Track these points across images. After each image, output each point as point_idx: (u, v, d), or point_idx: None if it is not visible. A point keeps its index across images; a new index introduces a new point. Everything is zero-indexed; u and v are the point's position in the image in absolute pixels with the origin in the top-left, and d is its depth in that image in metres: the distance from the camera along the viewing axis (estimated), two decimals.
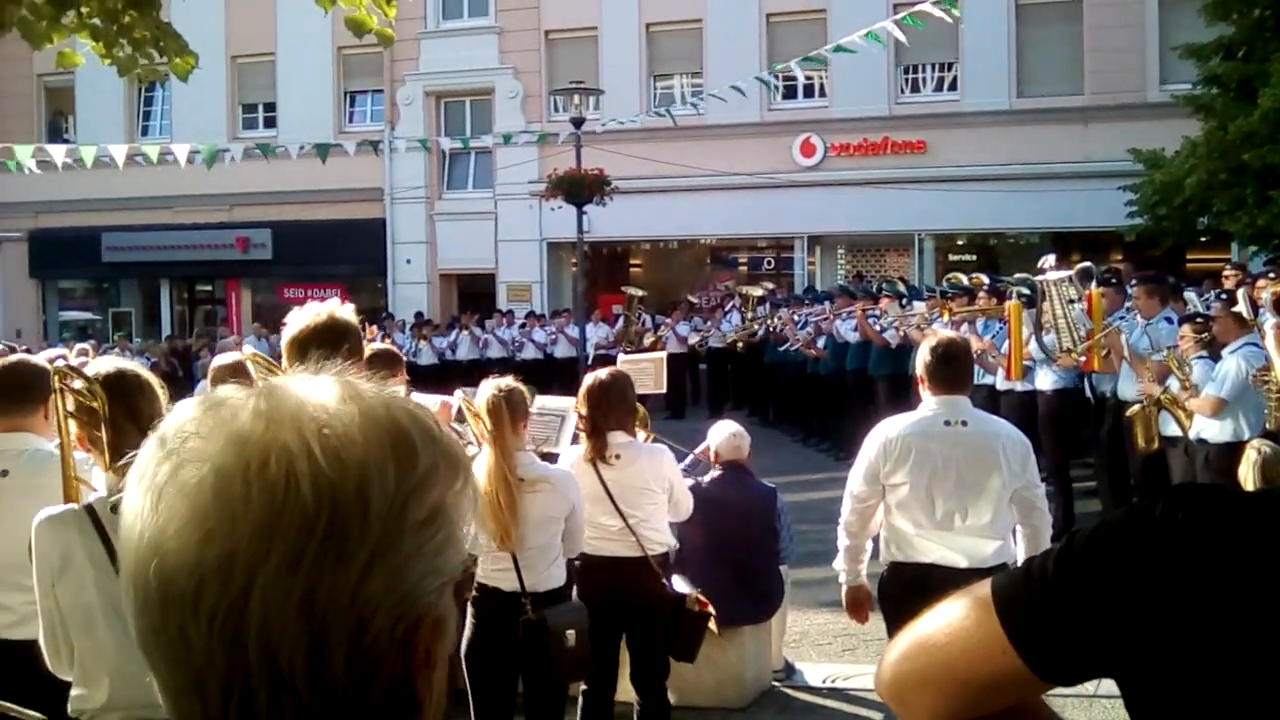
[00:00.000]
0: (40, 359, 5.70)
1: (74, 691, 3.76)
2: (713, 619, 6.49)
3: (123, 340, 28.46)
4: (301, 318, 4.23)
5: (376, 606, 1.01)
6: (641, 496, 6.15)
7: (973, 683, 1.45)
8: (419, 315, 27.98)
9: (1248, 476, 6.53)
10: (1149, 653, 1.32)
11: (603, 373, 6.33)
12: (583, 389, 6.24)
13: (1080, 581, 1.36)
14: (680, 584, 6.47)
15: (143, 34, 8.46)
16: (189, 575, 0.99)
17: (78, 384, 3.89)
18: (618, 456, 6.10)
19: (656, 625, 6.29)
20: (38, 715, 3.96)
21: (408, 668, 1.04)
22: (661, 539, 6.27)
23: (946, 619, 1.48)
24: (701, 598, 6.44)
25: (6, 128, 30.07)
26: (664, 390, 7.57)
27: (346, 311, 4.30)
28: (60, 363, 4.79)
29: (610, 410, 6.14)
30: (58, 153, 19.71)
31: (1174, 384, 9.92)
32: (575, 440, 6.75)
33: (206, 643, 0.99)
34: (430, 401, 6.88)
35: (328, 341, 4.07)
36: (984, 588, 1.46)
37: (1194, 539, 1.31)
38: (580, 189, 22.36)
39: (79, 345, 20.43)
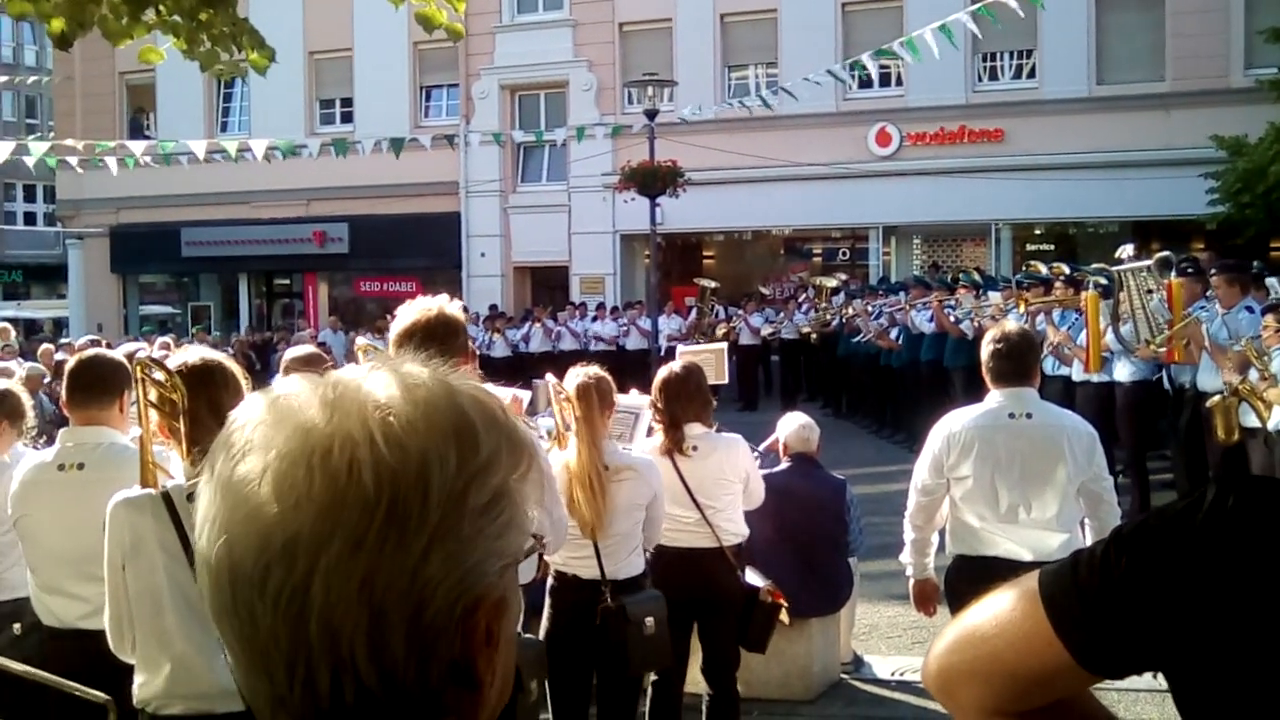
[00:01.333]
0: (117, 353, 5.79)
1: (137, 679, 3.82)
2: (784, 610, 6.48)
3: (201, 334, 28.87)
4: (411, 312, 4.29)
5: (435, 588, 1.04)
6: (718, 487, 6.14)
7: (1020, 675, 1.44)
8: (493, 308, 28.16)
9: None
10: (1197, 645, 1.30)
11: (676, 365, 6.32)
12: (658, 381, 6.22)
13: (1128, 573, 1.34)
14: (753, 576, 6.45)
15: (221, 30, 8.57)
16: (256, 558, 1.03)
17: (159, 375, 3.94)
18: (695, 448, 6.09)
19: (730, 617, 6.28)
20: (103, 696, 4.03)
21: (468, 647, 1.08)
22: (737, 529, 6.26)
23: (994, 611, 1.47)
24: (774, 589, 6.43)
25: (90, 124, 30.63)
26: (725, 381, 7.61)
27: (455, 308, 4.36)
28: (142, 354, 4.87)
29: (688, 402, 6.14)
30: (138, 149, 20.02)
31: (1254, 374, 9.76)
32: (649, 434, 6.75)
33: (272, 623, 1.03)
34: (502, 395, 6.91)
35: (436, 336, 4.13)
36: (1031, 580, 1.45)
37: (1245, 530, 1.29)
38: (653, 181, 22.41)
39: (160, 339, 20.74)
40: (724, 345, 9.58)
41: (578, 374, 5.70)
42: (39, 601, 4.88)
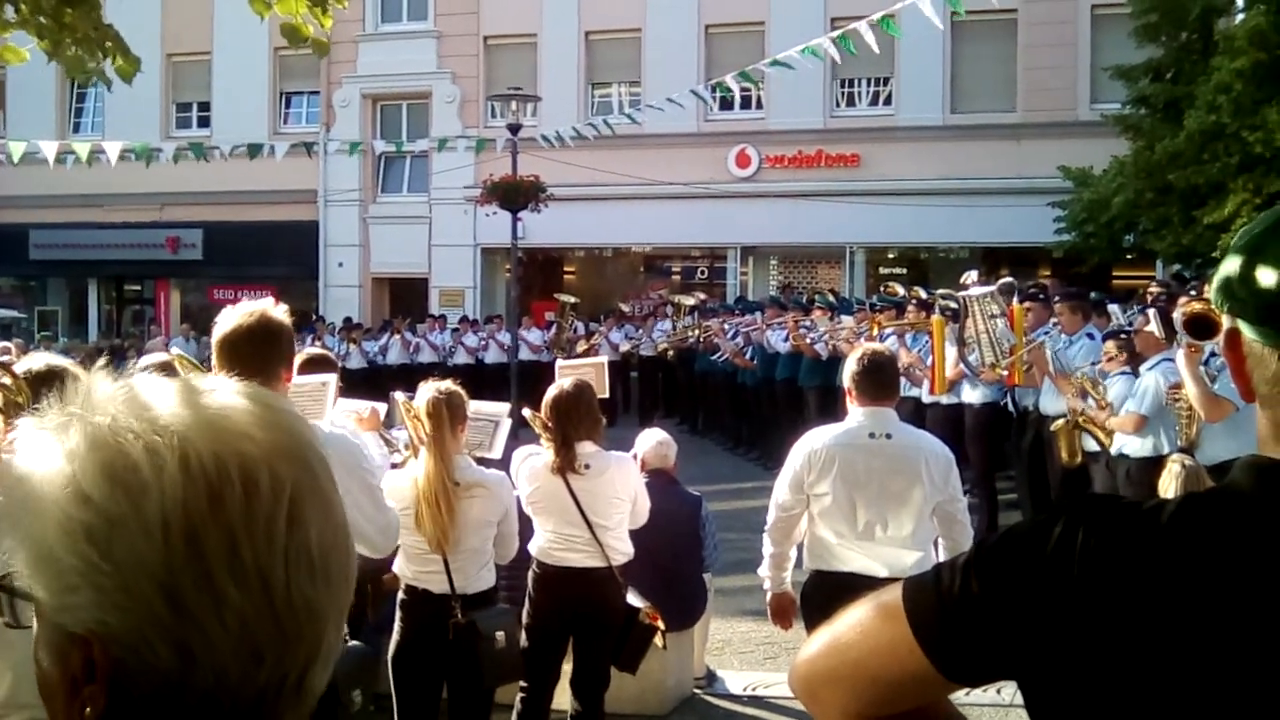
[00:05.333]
0: None
1: None
2: (660, 634, 6.52)
3: (47, 341, 28.02)
4: (232, 318, 4.15)
5: None
6: (610, 506, 6.15)
7: (882, 681, 1.49)
8: (348, 319, 27.84)
9: (1169, 489, 6.61)
10: (1046, 659, 1.37)
11: (567, 383, 6.28)
12: (548, 400, 6.19)
13: (984, 590, 1.41)
14: (633, 597, 6.47)
15: (85, 34, 8.37)
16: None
17: (5, 380, 3.85)
18: (587, 466, 6.08)
19: (608, 635, 6.30)
20: None
21: None
22: (625, 548, 6.26)
23: (859, 619, 1.52)
24: (652, 611, 6.46)
25: None
26: (606, 395, 7.62)
27: (279, 312, 4.22)
28: None
29: (579, 421, 6.12)
30: None
31: (1090, 404, 10.05)
32: (517, 442, 6.72)
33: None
34: (360, 407, 6.84)
35: (259, 343, 4.04)
36: (895, 590, 1.50)
37: (1090, 553, 1.36)
38: (516, 195, 22.31)
39: (2, 344, 20.12)
40: (604, 360, 9.52)
41: (429, 390, 5.68)
42: None
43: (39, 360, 4.05)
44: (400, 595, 5.82)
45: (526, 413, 6.62)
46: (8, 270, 34.43)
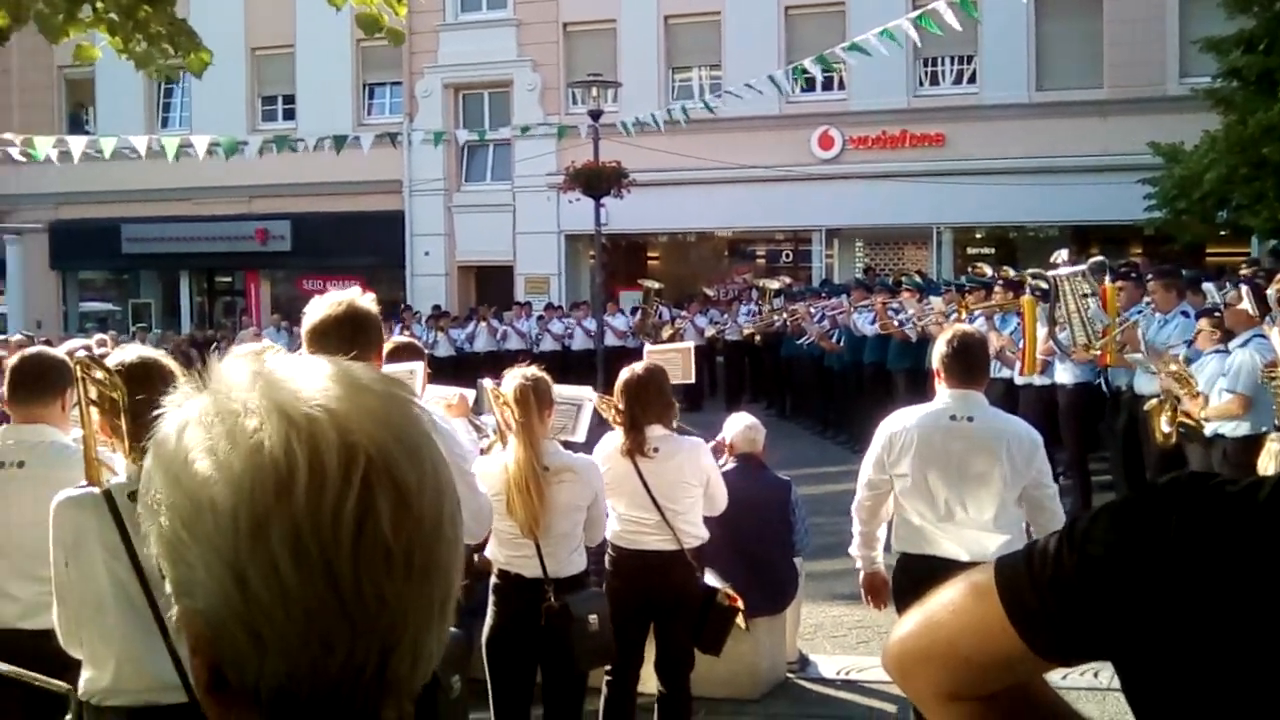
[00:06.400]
0: (59, 351, 5.76)
1: (84, 674, 3.84)
2: (741, 614, 6.52)
3: (141, 332, 28.54)
4: (320, 307, 4.19)
5: None
6: (679, 489, 6.17)
7: (975, 660, 1.49)
8: (436, 307, 28.06)
9: (1268, 467, 6.51)
10: (1140, 639, 1.35)
11: (638, 366, 6.33)
12: (619, 383, 6.23)
13: (1077, 568, 1.39)
14: (711, 578, 6.49)
15: (158, 29, 8.51)
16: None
17: (99, 374, 3.94)
18: (656, 450, 6.11)
19: (687, 618, 6.32)
20: (64, 685, 4.04)
21: None
22: (697, 532, 6.29)
23: (951, 598, 1.52)
24: (731, 592, 6.47)
25: (27, 119, 30.25)
26: (692, 380, 7.63)
27: (367, 301, 4.25)
28: (82, 353, 4.85)
29: (649, 404, 6.16)
30: (78, 144, 19.80)
31: (1178, 388, 9.87)
32: (604, 427, 6.75)
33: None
34: (449, 394, 6.91)
35: (349, 332, 4.08)
36: (987, 569, 1.49)
37: (1184, 532, 1.33)
38: (598, 181, 22.40)
39: (98, 336, 20.49)
40: (691, 345, 9.51)
41: (515, 376, 5.71)
42: None
43: (131, 353, 4.13)
44: (493, 580, 5.87)
45: (595, 398, 6.64)
46: (101, 264, 35.19)
